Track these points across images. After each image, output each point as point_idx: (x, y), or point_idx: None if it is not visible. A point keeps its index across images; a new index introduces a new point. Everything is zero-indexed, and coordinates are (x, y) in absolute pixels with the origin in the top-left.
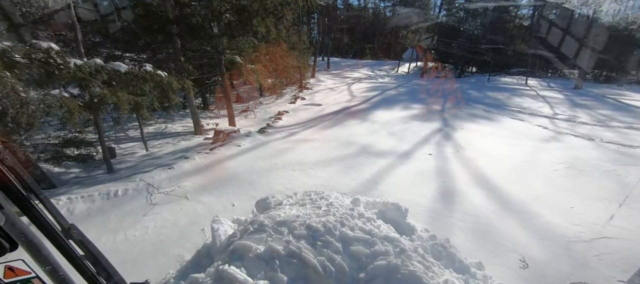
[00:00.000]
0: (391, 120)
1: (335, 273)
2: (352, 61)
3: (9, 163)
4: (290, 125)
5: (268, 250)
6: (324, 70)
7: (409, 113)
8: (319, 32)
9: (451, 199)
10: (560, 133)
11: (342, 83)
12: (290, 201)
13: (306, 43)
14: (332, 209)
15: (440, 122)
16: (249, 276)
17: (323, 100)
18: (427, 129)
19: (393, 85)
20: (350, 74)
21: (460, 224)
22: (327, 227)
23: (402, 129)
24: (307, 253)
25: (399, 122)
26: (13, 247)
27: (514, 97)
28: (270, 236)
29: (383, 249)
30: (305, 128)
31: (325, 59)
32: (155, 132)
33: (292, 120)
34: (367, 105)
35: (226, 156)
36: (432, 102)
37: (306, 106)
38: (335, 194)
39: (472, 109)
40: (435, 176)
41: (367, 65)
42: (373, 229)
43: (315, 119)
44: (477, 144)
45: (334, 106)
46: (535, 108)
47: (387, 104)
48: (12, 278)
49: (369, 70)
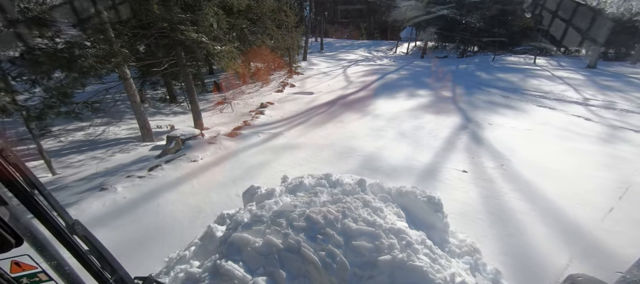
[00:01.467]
0: (398, 113)
1: (336, 269)
2: (347, 42)
3: (12, 159)
4: (273, 122)
5: (266, 243)
6: (317, 52)
7: (417, 102)
8: (311, 10)
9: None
10: (614, 127)
11: (337, 66)
12: (287, 187)
13: (295, 20)
14: (334, 197)
15: (458, 115)
16: (248, 270)
17: (315, 87)
18: (446, 126)
19: (393, 67)
20: (345, 55)
21: None
22: (327, 219)
23: (414, 127)
24: (307, 247)
25: (408, 115)
26: (18, 242)
27: (529, 79)
28: (269, 227)
29: (388, 243)
30: (291, 126)
31: (318, 40)
32: (84, 140)
33: (277, 115)
34: (366, 92)
35: (168, 181)
36: (440, 87)
37: (295, 96)
38: (338, 176)
39: (488, 95)
40: (488, 224)
41: (363, 46)
42: (377, 221)
43: (305, 113)
44: (521, 149)
45: (327, 94)
46: (558, 92)
47: (390, 91)
48: (18, 272)
49: (366, 51)
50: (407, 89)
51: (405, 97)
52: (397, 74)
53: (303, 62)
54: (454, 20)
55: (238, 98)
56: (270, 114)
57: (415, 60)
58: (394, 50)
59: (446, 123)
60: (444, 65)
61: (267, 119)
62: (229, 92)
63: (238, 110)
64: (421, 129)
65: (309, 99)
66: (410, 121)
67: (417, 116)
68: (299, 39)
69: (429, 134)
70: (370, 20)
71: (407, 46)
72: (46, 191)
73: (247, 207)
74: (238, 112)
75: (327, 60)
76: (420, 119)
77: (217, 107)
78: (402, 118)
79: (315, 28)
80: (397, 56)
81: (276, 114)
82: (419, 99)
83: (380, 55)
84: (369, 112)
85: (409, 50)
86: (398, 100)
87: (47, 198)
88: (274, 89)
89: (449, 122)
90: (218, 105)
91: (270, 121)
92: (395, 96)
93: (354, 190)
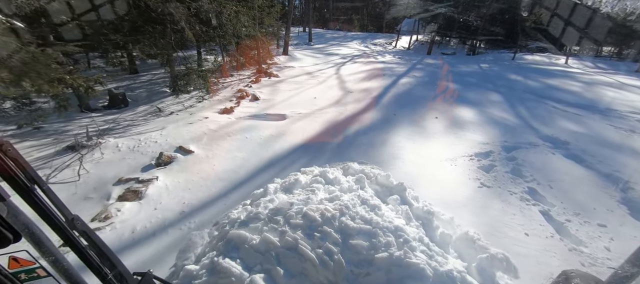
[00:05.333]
0: (452, 188)
1: (333, 266)
2: (339, 33)
3: (12, 154)
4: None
5: (263, 241)
6: (304, 44)
7: (470, 140)
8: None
9: None
10: None
11: (327, 63)
12: (282, 185)
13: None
14: (331, 195)
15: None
16: (246, 268)
17: (291, 102)
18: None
19: (402, 67)
20: (337, 49)
21: None
22: (325, 217)
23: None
24: (304, 245)
25: (483, 197)
26: (16, 238)
27: (597, 89)
28: (266, 224)
29: (385, 241)
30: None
31: (306, 29)
32: None
33: (173, 202)
34: (374, 115)
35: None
36: (483, 101)
37: (250, 123)
38: (337, 175)
39: (570, 118)
40: None
41: (357, 39)
42: (374, 218)
43: (249, 182)
44: None
45: (309, 120)
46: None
47: (411, 110)
48: (16, 268)
49: (361, 44)
50: (435, 104)
51: (444, 128)
52: (411, 77)
53: (283, 57)
54: (464, 12)
55: (137, 125)
56: (164, 189)
57: (422, 56)
58: (394, 44)
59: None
60: (460, 64)
61: (143, 216)
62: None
63: (98, 173)
64: None
65: (273, 133)
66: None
67: (499, 194)
68: (274, 24)
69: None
70: (363, 11)
71: (409, 40)
72: (46, 186)
73: (243, 205)
74: (95, 178)
75: (315, 55)
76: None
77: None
78: (474, 209)
79: (304, 17)
80: (398, 51)
81: (171, 202)
82: (471, 132)
83: (379, 50)
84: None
85: (410, 44)
86: (434, 136)
87: (47, 193)
88: (223, 102)
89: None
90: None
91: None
92: (424, 123)
93: (351, 188)
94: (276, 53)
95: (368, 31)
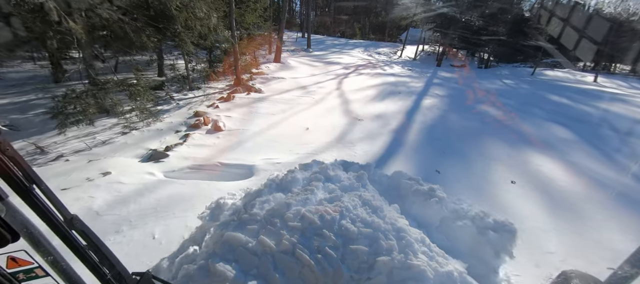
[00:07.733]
0: None
1: (332, 273)
2: (341, 40)
3: (10, 153)
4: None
5: (260, 244)
6: (301, 50)
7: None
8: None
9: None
10: None
11: (327, 74)
12: (278, 183)
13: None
14: (331, 195)
15: None
16: (241, 272)
17: (269, 136)
18: None
19: (418, 83)
20: (338, 57)
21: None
22: (324, 219)
23: None
24: (302, 249)
25: None
26: (15, 238)
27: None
28: (263, 227)
29: (387, 246)
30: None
31: (305, 35)
32: None
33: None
34: (403, 168)
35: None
36: (564, 146)
37: (180, 192)
38: (335, 171)
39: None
40: None
41: (359, 46)
42: (376, 221)
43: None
44: None
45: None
46: None
47: (466, 163)
48: (15, 268)
49: (364, 52)
50: (490, 144)
51: (539, 209)
52: (433, 96)
53: (272, 65)
54: (478, 24)
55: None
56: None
57: (433, 68)
58: (400, 53)
59: None
60: (479, 79)
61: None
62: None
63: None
64: None
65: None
66: None
67: None
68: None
69: None
70: (365, 20)
71: (415, 49)
72: (44, 186)
73: (239, 204)
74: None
75: (313, 63)
76: None
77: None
78: None
79: (304, 22)
80: (405, 61)
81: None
82: (597, 224)
83: (385, 60)
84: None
85: (416, 54)
86: (532, 235)
87: (46, 193)
88: (161, 136)
89: None
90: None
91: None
92: (495, 193)
93: (352, 186)
94: (266, 60)
95: (369, 40)
